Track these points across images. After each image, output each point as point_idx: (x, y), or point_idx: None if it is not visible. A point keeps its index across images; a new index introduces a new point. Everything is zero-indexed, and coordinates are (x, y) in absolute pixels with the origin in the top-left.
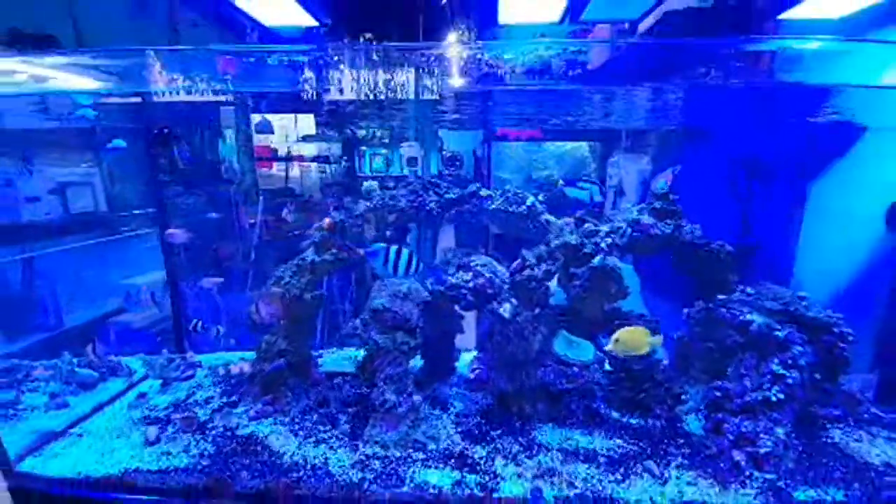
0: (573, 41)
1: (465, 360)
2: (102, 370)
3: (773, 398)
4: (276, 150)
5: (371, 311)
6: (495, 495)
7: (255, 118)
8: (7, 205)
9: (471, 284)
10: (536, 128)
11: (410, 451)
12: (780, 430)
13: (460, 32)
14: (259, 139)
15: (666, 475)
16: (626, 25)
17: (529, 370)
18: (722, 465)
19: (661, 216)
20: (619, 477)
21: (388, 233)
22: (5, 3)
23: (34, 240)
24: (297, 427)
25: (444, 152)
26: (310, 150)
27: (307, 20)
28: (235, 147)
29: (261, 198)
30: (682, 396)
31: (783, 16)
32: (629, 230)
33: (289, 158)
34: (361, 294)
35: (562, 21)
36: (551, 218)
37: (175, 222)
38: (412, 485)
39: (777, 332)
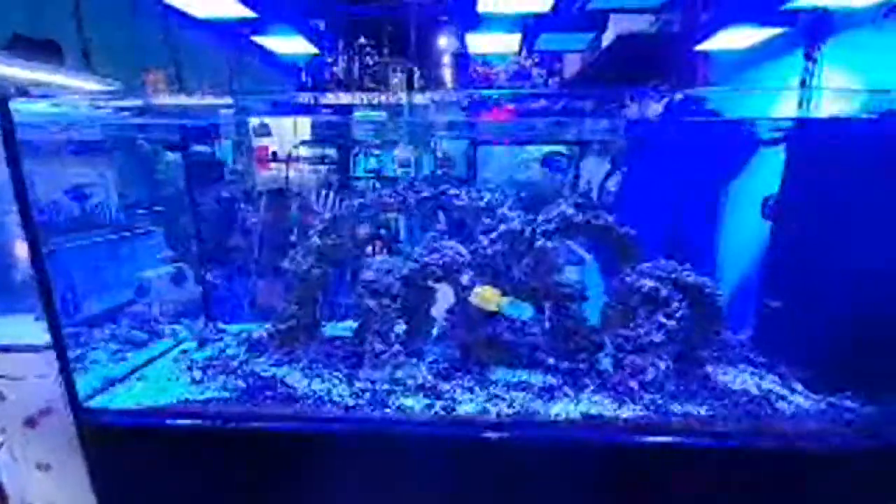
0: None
1: (438, 326)
2: (152, 333)
3: (658, 340)
4: (275, 153)
5: (362, 283)
6: (454, 413)
7: (254, 121)
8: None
9: (440, 262)
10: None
11: (394, 386)
12: (661, 364)
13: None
14: (258, 142)
15: (580, 398)
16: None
17: (485, 326)
18: (620, 389)
19: (580, 208)
20: (546, 400)
21: (378, 228)
22: (9, 10)
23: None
24: (306, 371)
25: (437, 153)
26: (306, 152)
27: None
28: (237, 151)
29: (262, 197)
30: (602, 346)
31: (700, 47)
32: (557, 218)
33: (287, 160)
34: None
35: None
36: (507, 211)
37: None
38: (394, 408)
39: (662, 293)
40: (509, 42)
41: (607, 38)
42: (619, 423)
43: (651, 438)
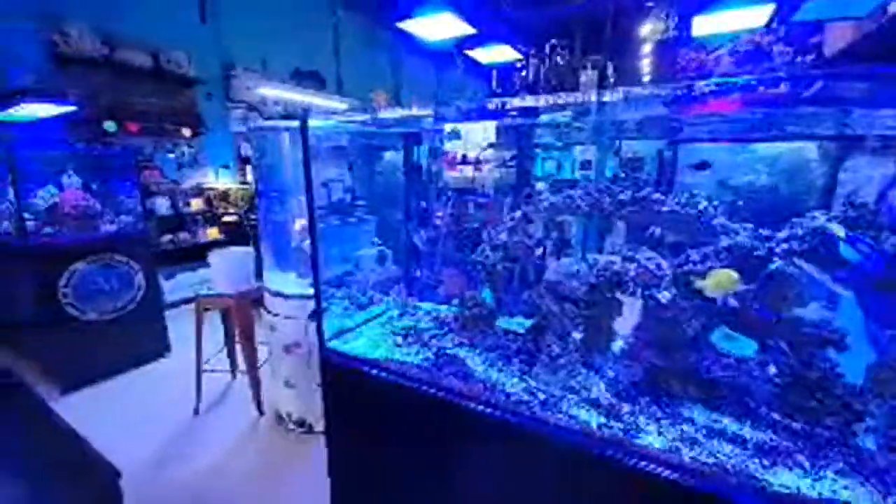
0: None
1: (619, 341)
2: (370, 300)
3: None
4: (464, 156)
5: (545, 283)
6: (636, 441)
7: (447, 128)
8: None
9: (632, 273)
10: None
11: (566, 393)
12: None
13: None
14: (448, 146)
15: (820, 474)
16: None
17: (683, 353)
18: (888, 480)
19: (854, 228)
20: (766, 463)
21: (552, 231)
22: (292, 52)
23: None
24: (484, 357)
25: (622, 154)
26: (490, 154)
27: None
28: (431, 154)
29: (449, 195)
30: (864, 416)
31: None
32: (808, 236)
33: (475, 162)
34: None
35: None
36: (726, 221)
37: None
38: (566, 415)
39: None
40: (755, 16)
41: None
42: None
43: None
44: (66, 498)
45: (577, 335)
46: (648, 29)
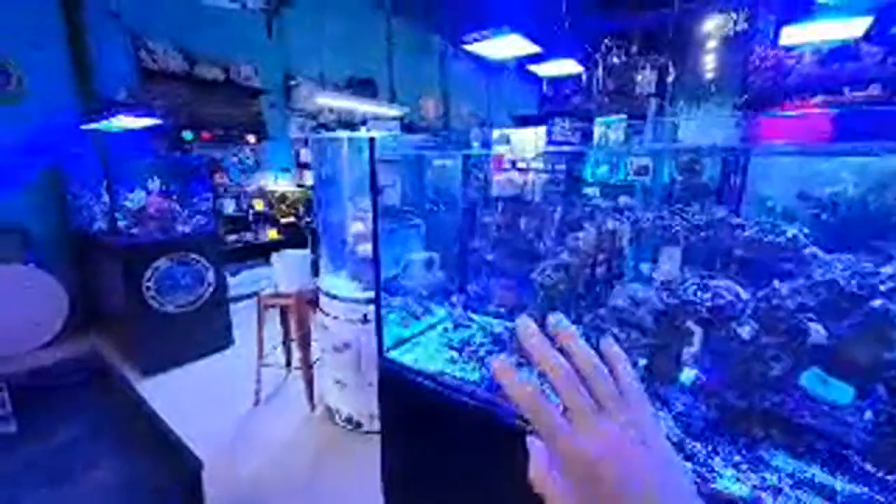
0: None
1: (687, 374)
2: (426, 309)
3: None
4: (513, 161)
5: (611, 308)
6: (712, 485)
7: (495, 134)
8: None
9: (709, 304)
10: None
11: None
12: None
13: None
14: (496, 151)
15: None
16: None
17: (765, 394)
18: None
19: None
20: None
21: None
22: (346, 61)
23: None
24: (541, 380)
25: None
26: (539, 160)
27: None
28: (479, 159)
29: (498, 202)
30: None
31: None
32: None
33: (524, 169)
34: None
35: None
36: (819, 252)
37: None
38: None
39: None
40: (851, 27)
41: None
42: None
43: None
44: (155, 481)
45: (642, 362)
46: (714, 24)
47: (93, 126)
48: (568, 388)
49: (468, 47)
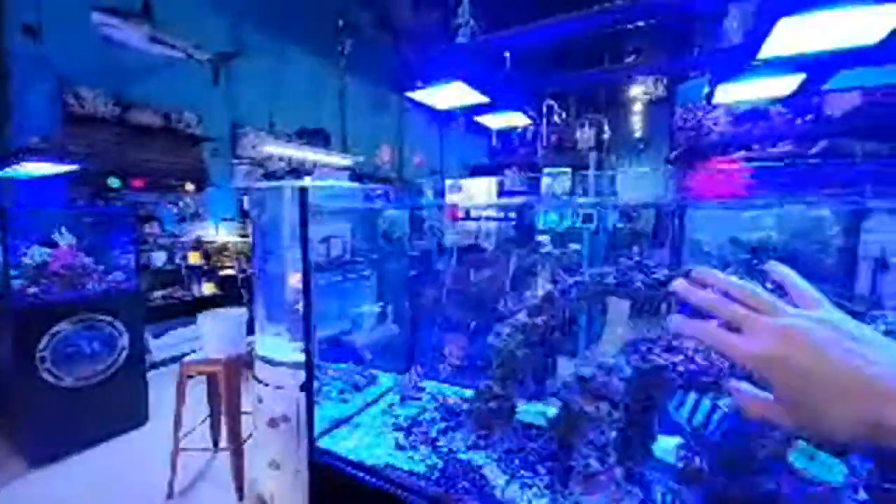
0: None
1: (665, 444)
2: (367, 378)
3: None
4: (467, 211)
5: (577, 378)
6: None
7: (448, 182)
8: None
9: (680, 368)
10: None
11: None
12: None
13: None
14: (450, 200)
15: None
16: None
17: (757, 479)
18: None
19: None
20: None
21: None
22: (298, 112)
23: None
24: (503, 465)
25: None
26: (492, 210)
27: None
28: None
29: (451, 252)
30: None
31: None
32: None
33: (475, 218)
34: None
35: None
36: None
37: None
38: None
39: None
40: (782, 85)
41: None
42: None
43: None
44: None
45: (612, 433)
46: (641, 90)
47: None
48: (728, 307)
49: (412, 94)
